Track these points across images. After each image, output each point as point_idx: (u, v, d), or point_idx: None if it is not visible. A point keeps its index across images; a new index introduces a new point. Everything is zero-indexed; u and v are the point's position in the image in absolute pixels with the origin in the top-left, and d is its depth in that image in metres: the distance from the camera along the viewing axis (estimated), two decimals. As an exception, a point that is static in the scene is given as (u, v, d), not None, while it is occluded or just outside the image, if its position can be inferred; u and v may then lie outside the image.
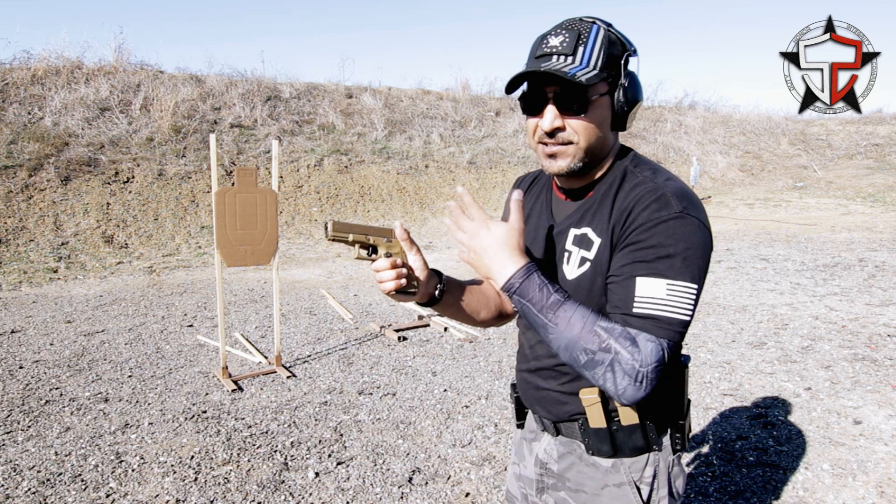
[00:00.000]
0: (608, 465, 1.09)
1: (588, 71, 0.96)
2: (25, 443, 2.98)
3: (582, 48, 0.97)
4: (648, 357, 0.90)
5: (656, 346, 0.91)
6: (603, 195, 1.04)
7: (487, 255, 0.97)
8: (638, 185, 1.00)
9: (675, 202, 0.95)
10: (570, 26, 0.99)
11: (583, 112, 0.98)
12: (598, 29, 0.99)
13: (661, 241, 0.93)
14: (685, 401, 1.13)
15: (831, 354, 4.19)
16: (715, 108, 18.79)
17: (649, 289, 0.93)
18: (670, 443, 1.10)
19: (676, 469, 1.11)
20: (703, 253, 0.95)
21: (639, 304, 0.93)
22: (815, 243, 8.66)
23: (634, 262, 0.95)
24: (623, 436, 1.06)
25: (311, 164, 10.94)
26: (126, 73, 11.14)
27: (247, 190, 3.68)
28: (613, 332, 0.91)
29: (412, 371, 3.98)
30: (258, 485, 2.61)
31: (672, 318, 0.92)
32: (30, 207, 8.02)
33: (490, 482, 2.64)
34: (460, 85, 15.31)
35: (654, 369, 0.90)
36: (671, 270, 0.93)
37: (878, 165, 15.38)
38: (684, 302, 0.93)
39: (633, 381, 0.89)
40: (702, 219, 0.96)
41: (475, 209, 0.99)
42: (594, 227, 1.03)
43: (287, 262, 7.62)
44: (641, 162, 1.07)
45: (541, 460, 1.20)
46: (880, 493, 2.53)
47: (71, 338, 4.66)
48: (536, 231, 1.16)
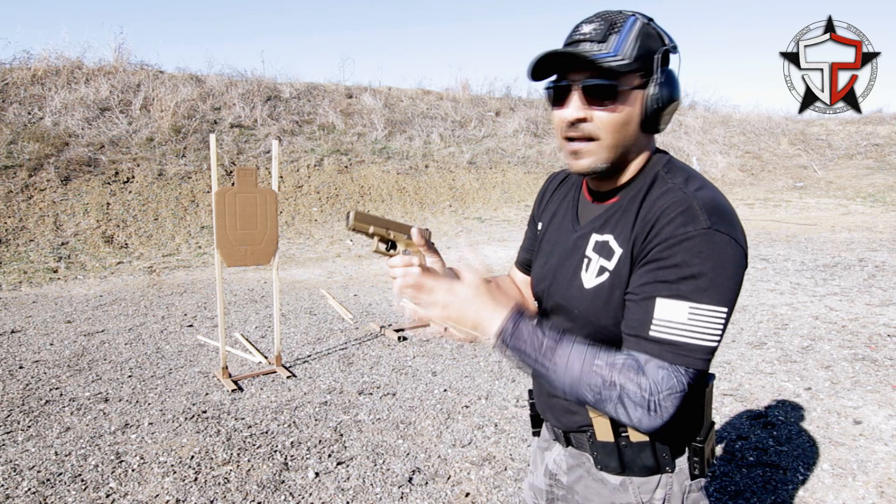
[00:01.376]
0: (616, 483, 1.03)
1: (618, 59, 0.89)
2: (25, 443, 2.98)
3: (615, 36, 0.91)
4: (659, 385, 0.85)
5: (668, 373, 0.85)
6: (629, 201, 0.97)
7: (470, 308, 0.90)
8: (666, 193, 0.93)
9: (703, 216, 0.87)
10: (604, 15, 0.94)
11: (610, 102, 0.91)
12: (634, 20, 0.93)
13: (685, 259, 0.86)
14: (706, 422, 1.04)
15: (831, 354, 4.19)
16: (715, 108, 18.80)
17: (670, 312, 0.86)
18: (688, 466, 1.03)
19: (695, 495, 1.03)
20: (733, 272, 0.87)
21: (656, 328, 0.87)
22: (815, 243, 8.66)
23: (656, 281, 0.88)
24: (632, 453, 1.00)
25: (311, 164, 10.94)
26: (126, 73, 11.14)
27: (247, 190, 3.68)
28: (616, 366, 0.86)
29: (412, 371, 3.98)
30: (258, 485, 2.61)
31: (693, 344, 0.86)
32: (30, 207, 8.02)
33: (490, 482, 2.64)
34: (460, 85, 15.32)
35: (668, 396, 0.85)
36: (695, 293, 0.85)
37: (878, 165, 15.38)
38: (709, 327, 0.86)
39: (646, 411, 0.85)
40: (734, 235, 0.88)
41: (426, 278, 0.94)
42: (616, 236, 0.96)
43: (287, 262, 7.62)
44: (675, 167, 0.99)
45: (550, 471, 1.17)
46: (880, 493, 2.53)
47: (71, 338, 4.66)
48: (559, 232, 1.11)
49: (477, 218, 10.91)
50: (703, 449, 1.02)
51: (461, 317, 0.91)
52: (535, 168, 13.32)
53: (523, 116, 14.83)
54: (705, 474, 1.04)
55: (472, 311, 0.90)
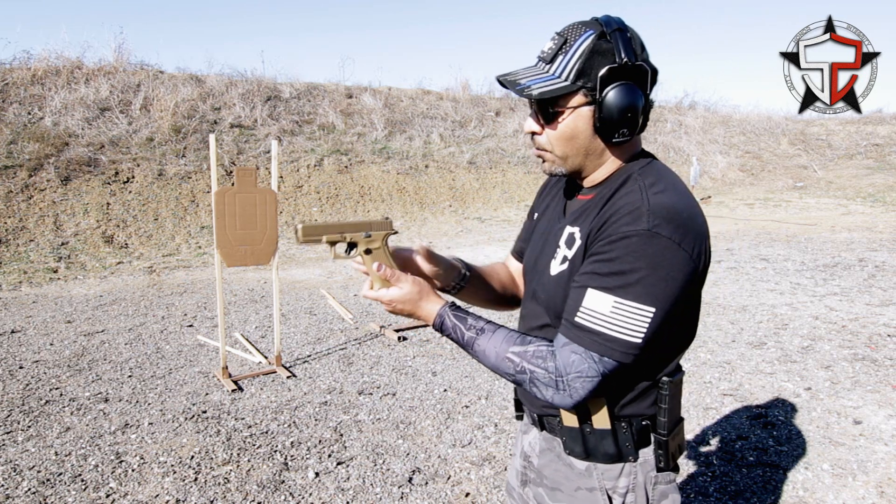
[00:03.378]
0: (582, 468, 1.07)
1: (552, 83, 0.96)
2: (25, 443, 2.98)
3: (561, 57, 0.97)
4: (567, 367, 0.93)
5: (580, 358, 0.93)
6: (600, 199, 1.02)
7: (414, 305, 1.08)
8: (629, 193, 0.97)
9: (647, 218, 0.91)
10: (565, 31, 0.99)
11: (552, 121, 1.00)
12: (589, 36, 0.96)
13: (619, 255, 0.91)
14: (671, 417, 1.05)
15: (831, 354, 4.19)
16: (715, 108, 18.80)
17: (595, 303, 0.93)
18: (654, 458, 1.05)
19: (662, 487, 1.06)
20: (668, 276, 0.90)
21: (581, 315, 0.94)
22: (815, 243, 8.66)
23: (591, 273, 0.95)
24: (594, 439, 1.04)
25: (311, 164, 10.94)
26: (126, 73, 11.14)
27: (247, 190, 3.68)
28: (526, 355, 0.97)
29: (412, 371, 3.98)
30: (258, 485, 2.61)
31: (611, 335, 0.91)
32: (30, 207, 8.02)
33: (490, 482, 2.64)
34: (460, 85, 15.31)
35: (576, 378, 0.93)
36: (622, 288, 0.91)
37: (878, 165, 15.38)
38: (631, 323, 0.91)
39: (555, 389, 0.95)
40: (678, 239, 0.91)
41: (375, 279, 1.11)
42: (581, 228, 1.02)
43: (287, 262, 7.62)
44: (651, 170, 1.01)
45: (525, 452, 1.21)
46: (880, 493, 2.53)
47: (71, 338, 4.66)
48: (548, 224, 1.17)
49: (477, 218, 10.91)
50: (667, 442, 1.04)
51: (411, 306, 1.09)
52: (535, 168, 13.32)
53: (523, 116, 14.82)
54: (671, 468, 1.06)
55: (416, 300, 1.08)
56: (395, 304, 1.09)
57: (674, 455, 1.08)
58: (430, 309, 1.07)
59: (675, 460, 1.09)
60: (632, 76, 0.97)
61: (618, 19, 0.99)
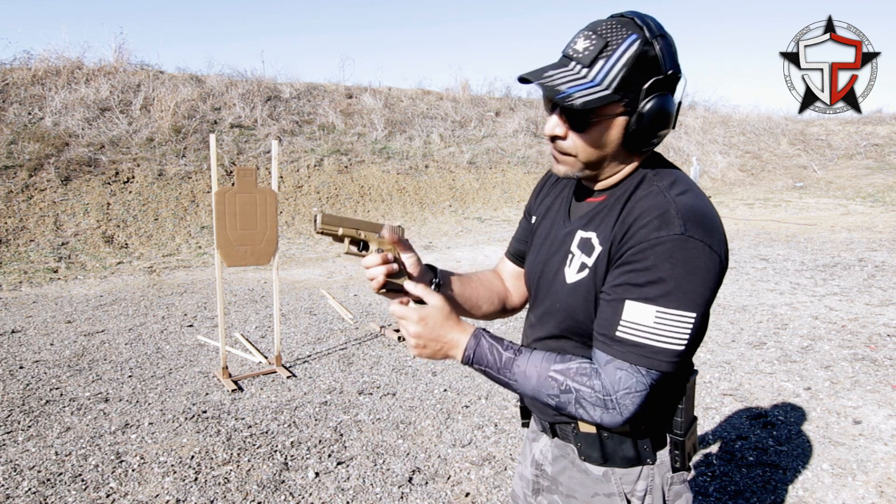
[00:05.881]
0: (599, 474, 1.05)
1: (595, 91, 0.89)
2: (26, 443, 2.98)
3: (602, 62, 0.90)
4: (615, 385, 0.89)
5: (627, 374, 0.89)
6: (615, 201, 0.99)
7: (438, 340, 0.99)
8: (648, 195, 0.94)
9: (678, 221, 0.88)
10: (604, 30, 0.91)
11: (579, 130, 0.94)
12: (633, 41, 0.90)
13: (655, 263, 0.88)
14: (687, 417, 1.05)
15: (831, 354, 4.19)
16: (715, 108, 18.81)
17: (637, 315, 0.89)
18: (670, 459, 1.05)
19: (677, 487, 1.05)
20: (704, 279, 0.88)
21: (622, 329, 0.90)
22: (814, 243, 8.66)
23: (626, 283, 0.90)
24: (613, 444, 1.03)
25: (311, 164, 10.94)
26: (126, 74, 11.14)
27: (247, 190, 3.68)
28: (569, 373, 0.92)
29: (412, 371, 3.98)
30: (258, 485, 2.62)
31: (658, 347, 0.88)
32: (30, 207, 8.02)
33: (490, 482, 2.64)
34: (460, 85, 15.31)
35: (625, 395, 0.89)
36: (663, 297, 0.88)
37: (878, 165, 15.39)
38: (675, 331, 0.88)
39: (604, 409, 0.91)
40: (709, 242, 0.89)
41: (397, 307, 1.02)
42: (599, 234, 0.98)
43: (287, 262, 7.62)
44: (664, 172, 0.99)
45: (536, 461, 1.19)
46: (880, 493, 2.53)
47: (71, 338, 4.66)
48: (552, 226, 1.13)
49: (477, 218, 10.91)
50: (683, 442, 1.04)
51: (433, 353, 1.01)
52: (535, 168, 13.32)
53: (523, 116, 14.83)
54: (686, 468, 1.06)
55: (440, 343, 1.00)
56: (425, 333, 1.00)
57: (689, 455, 1.07)
58: (462, 337, 0.99)
59: (690, 460, 1.08)
60: (669, 85, 0.94)
61: (657, 22, 0.94)
